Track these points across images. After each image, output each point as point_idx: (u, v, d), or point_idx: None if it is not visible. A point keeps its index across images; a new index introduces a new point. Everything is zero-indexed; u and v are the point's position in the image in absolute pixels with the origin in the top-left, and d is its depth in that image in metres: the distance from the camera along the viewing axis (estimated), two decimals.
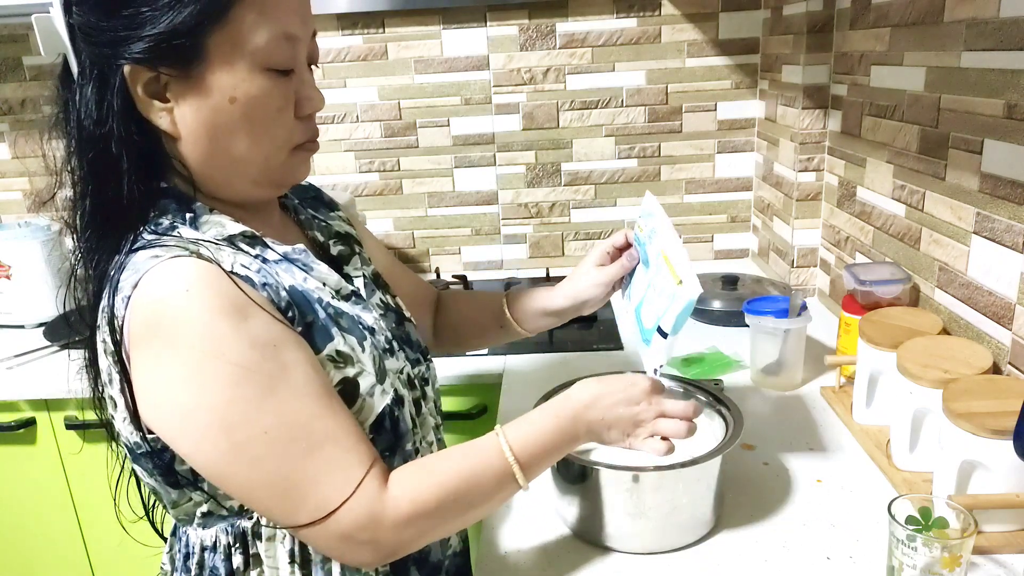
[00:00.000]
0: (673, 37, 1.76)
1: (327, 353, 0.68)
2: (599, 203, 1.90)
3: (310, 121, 0.74)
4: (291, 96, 0.69)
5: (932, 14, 1.09)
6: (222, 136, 0.67)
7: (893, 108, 1.22)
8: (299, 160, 0.74)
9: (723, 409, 0.92)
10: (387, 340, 0.77)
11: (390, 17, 1.76)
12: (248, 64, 0.65)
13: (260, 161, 0.70)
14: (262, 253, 0.70)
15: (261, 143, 0.69)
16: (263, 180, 0.72)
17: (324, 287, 0.73)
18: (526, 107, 1.82)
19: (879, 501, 0.88)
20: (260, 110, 0.67)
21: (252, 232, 0.71)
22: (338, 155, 1.87)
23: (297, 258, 0.73)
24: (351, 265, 0.83)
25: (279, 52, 0.67)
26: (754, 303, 1.23)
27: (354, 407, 0.70)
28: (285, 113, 0.69)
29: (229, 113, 0.66)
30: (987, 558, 0.80)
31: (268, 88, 0.67)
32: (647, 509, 0.83)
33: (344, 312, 0.73)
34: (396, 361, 0.77)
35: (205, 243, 0.66)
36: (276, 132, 0.69)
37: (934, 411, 0.87)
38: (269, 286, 0.66)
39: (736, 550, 0.84)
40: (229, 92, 0.65)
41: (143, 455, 0.68)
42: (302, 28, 0.69)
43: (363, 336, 0.73)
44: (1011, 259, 0.94)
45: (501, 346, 1.43)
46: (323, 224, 0.87)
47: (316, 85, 0.74)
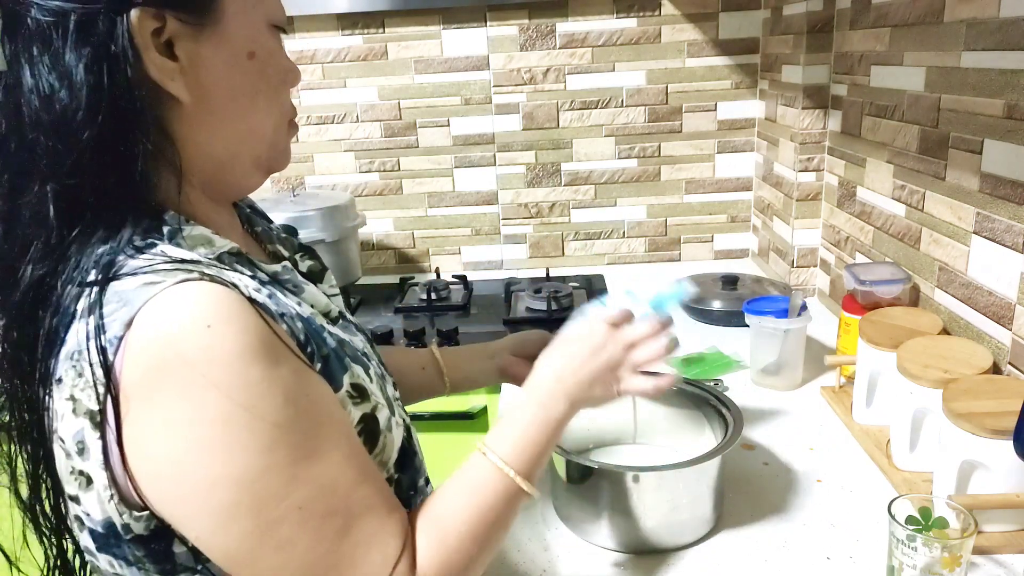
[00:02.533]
0: (673, 37, 1.76)
1: (345, 389, 0.58)
2: (599, 203, 1.89)
3: (291, 96, 0.66)
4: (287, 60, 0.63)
5: (932, 14, 1.09)
6: (239, 99, 0.58)
7: (893, 108, 1.22)
8: (290, 137, 0.66)
9: (723, 409, 0.92)
10: (379, 364, 0.68)
11: (390, 17, 1.76)
12: (262, 16, 0.59)
13: (271, 132, 0.62)
14: (256, 274, 0.58)
15: (274, 109, 0.61)
16: (265, 159, 0.63)
17: (316, 312, 0.62)
18: (526, 107, 1.82)
19: (879, 501, 0.88)
20: (275, 69, 0.60)
21: (238, 248, 0.58)
22: (338, 155, 1.87)
23: (287, 279, 0.62)
24: (325, 282, 0.74)
25: (279, 5, 0.61)
26: (754, 303, 1.23)
27: (377, 447, 0.61)
28: (290, 77, 0.63)
29: (247, 71, 0.58)
30: (987, 558, 0.80)
31: (278, 45, 0.60)
32: (647, 509, 0.83)
33: (342, 338, 0.62)
34: (391, 387, 0.68)
35: (203, 263, 0.52)
36: (284, 99, 0.62)
37: (934, 411, 0.87)
38: (287, 317, 0.55)
39: (736, 550, 0.84)
40: (249, 45, 0.57)
41: (132, 541, 0.52)
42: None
43: (366, 364, 0.63)
44: (1011, 259, 0.94)
45: None
46: (281, 236, 0.74)
47: None
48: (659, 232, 1.91)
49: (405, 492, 0.66)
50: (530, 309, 1.61)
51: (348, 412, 0.58)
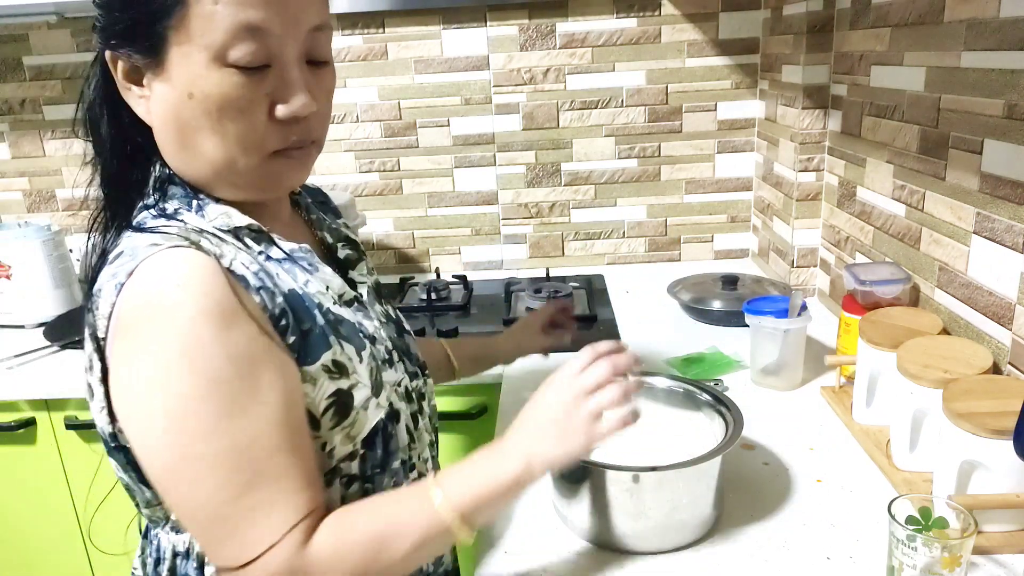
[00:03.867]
0: (673, 37, 1.76)
1: (322, 363, 0.65)
2: (599, 203, 1.89)
3: (290, 125, 0.65)
4: (260, 96, 0.62)
5: (932, 14, 1.09)
6: (187, 132, 0.63)
7: (893, 108, 1.22)
8: (282, 166, 0.67)
9: (723, 409, 0.92)
10: (387, 350, 0.75)
11: (390, 17, 1.76)
12: (206, 57, 0.60)
13: (228, 163, 0.64)
14: (267, 250, 0.68)
15: (226, 145, 0.63)
16: (241, 184, 0.67)
17: (327, 291, 0.70)
18: (526, 107, 1.82)
19: (879, 501, 0.88)
20: (219, 109, 0.61)
21: (259, 226, 0.68)
22: (338, 155, 1.87)
23: (303, 257, 0.70)
24: (357, 270, 0.80)
25: (242, 47, 0.60)
26: (754, 303, 1.23)
27: (347, 420, 0.67)
28: (251, 114, 0.62)
29: (190, 109, 0.62)
30: (987, 558, 0.80)
31: (229, 86, 0.61)
32: (647, 509, 0.83)
33: (344, 319, 0.70)
34: (395, 373, 0.74)
35: (209, 234, 0.64)
36: (243, 135, 0.63)
37: (934, 411, 0.87)
38: (265, 290, 0.63)
39: (736, 550, 0.84)
40: (187, 87, 0.61)
41: (116, 448, 0.66)
42: (278, 20, 0.61)
43: (362, 345, 0.70)
44: (1011, 259, 0.94)
45: None
46: (332, 227, 0.83)
47: (306, 85, 0.65)
48: (659, 232, 1.91)
49: (368, 468, 0.71)
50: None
51: (317, 385, 0.65)
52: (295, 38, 0.63)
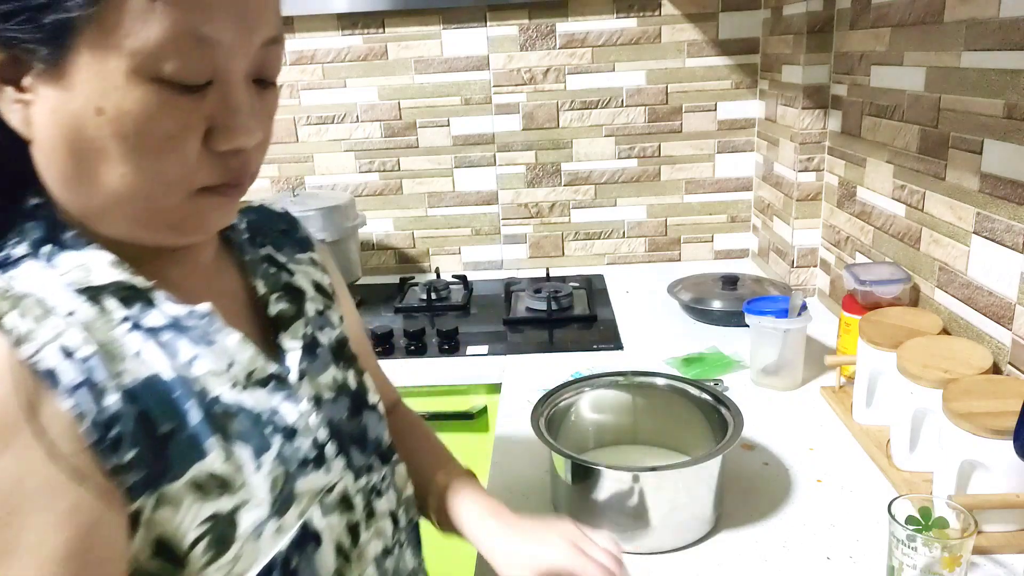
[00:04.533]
0: (673, 37, 1.76)
1: (191, 478, 0.49)
2: (599, 203, 1.89)
3: (230, 158, 0.51)
4: (197, 121, 0.48)
5: (932, 14, 1.09)
6: (87, 156, 0.47)
7: (893, 108, 1.22)
8: (209, 206, 0.52)
9: (723, 409, 0.92)
10: (315, 445, 0.57)
11: (390, 17, 1.76)
12: (128, 67, 0.45)
13: (139, 199, 0.49)
14: (139, 316, 0.51)
15: (141, 178, 0.48)
16: (151, 225, 0.51)
17: (227, 370, 0.53)
18: (526, 107, 1.82)
19: (879, 501, 0.88)
20: (139, 133, 0.47)
21: (133, 283, 0.52)
22: (338, 155, 1.87)
23: (194, 326, 0.53)
24: (290, 332, 0.62)
25: (181, 58, 0.46)
26: (754, 303, 1.23)
27: (226, 555, 0.50)
28: (182, 142, 0.48)
29: (95, 128, 0.46)
30: (987, 558, 0.80)
31: (155, 105, 0.46)
32: (647, 509, 0.83)
33: (243, 409, 0.53)
34: (322, 475, 0.57)
35: (38, 297, 0.47)
36: (165, 166, 0.48)
37: (934, 411, 0.87)
38: (89, 387, 0.46)
39: (736, 550, 0.84)
40: (96, 100, 0.46)
41: None
42: (231, 27, 0.48)
43: (264, 445, 0.53)
44: (1011, 259, 0.94)
45: (501, 346, 1.43)
46: (272, 272, 0.65)
47: (255, 110, 0.51)
48: (659, 232, 1.91)
49: None
50: (530, 309, 1.61)
51: (181, 509, 0.49)
52: (246, 52, 0.50)
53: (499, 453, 1.06)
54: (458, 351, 1.43)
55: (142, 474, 0.47)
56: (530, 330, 1.53)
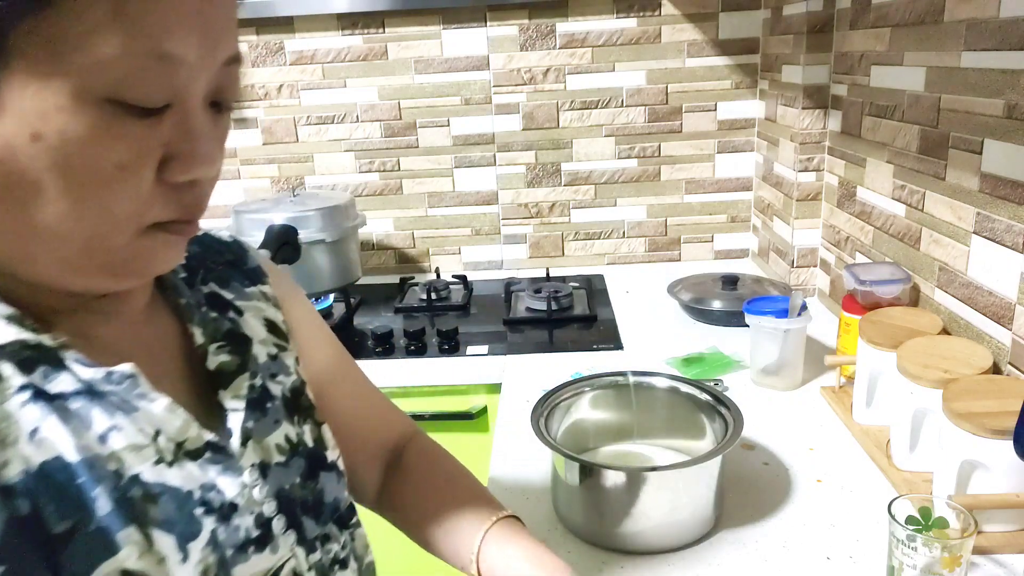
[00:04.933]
0: (673, 37, 1.76)
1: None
2: (599, 203, 1.89)
3: (185, 191, 0.45)
4: (152, 148, 0.42)
5: (932, 14, 1.09)
6: (15, 189, 0.40)
7: (893, 108, 1.22)
8: (157, 246, 0.46)
9: (723, 409, 0.92)
10: (259, 522, 0.50)
11: (390, 17, 1.76)
12: (75, 86, 0.39)
13: (80, 238, 0.42)
14: (42, 382, 0.43)
15: (83, 212, 0.41)
16: (87, 267, 0.44)
17: (151, 442, 0.46)
18: (526, 107, 1.82)
19: (879, 501, 0.88)
20: (85, 163, 0.40)
21: (39, 342, 0.44)
22: (338, 155, 1.87)
23: (110, 391, 0.45)
24: (232, 389, 0.54)
25: (139, 77, 0.40)
26: (754, 303, 1.23)
27: None
28: (134, 173, 0.42)
29: (30, 157, 0.39)
30: (987, 558, 0.80)
31: (105, 130, 0.40)
32: (647, 509, 0.83)
33: (169, 489, 0.46)
34: (266, 557, 0.50)
35: None
36: (113, 201, 0.42)
37: (934, 411, 0.87)
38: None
39: (736, 550, 0.84)
40: (33, 124, 0.39)
41: None
42: (198, 48, 0.42)
43: (192, 530, 0.46)
44: (1011, 259, 0.94)
45: (501, 346, 1.43)
46: (213, 317, 0.57)
47: (215, 135, 0.46)
48: (659, 232, 1.91)
49: None
50: (530, 309, 1.61)
51: None
52: (208, 72, 0.44)
53: (499, 453, 1.06)
54: (458, 351, 1.43)
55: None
56: (530, 330, 1.53)
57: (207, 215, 0.47)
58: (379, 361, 1.41)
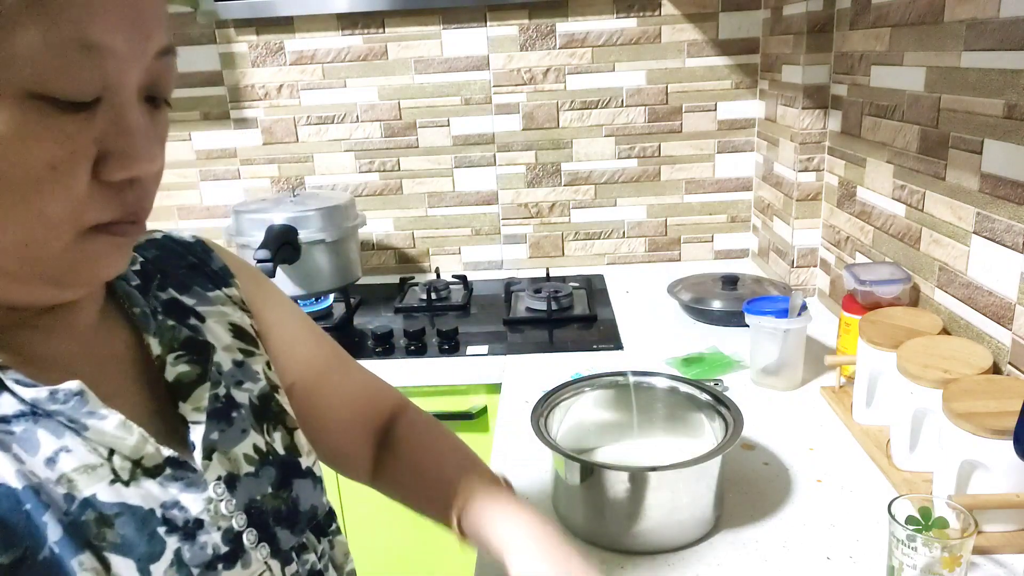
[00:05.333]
0: (673, 37, 1.76)
1: None
2: (599, 203, 1.89)
3: (126, 190, 0.43)
4: (85, 145, 0.40)
5: (932, 14, 1.09)
6: None
7: (893, 108, 1.22)
8: (101, 248, 0.43)
9: (723, 409, 0.92)
10: (228, 537, 0.48)
11: (390, 17, 1.76)
12: (2, 83, 0.37)
13: (15, 246, 0.41)
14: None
15: (15, 220, 0.40)
16: (27, 276, 0.43)
17: (106, 461, 0.44)
18: (526, 107, 1.82)
19: (879, 501, 0.88)
20: (13, 164, 0.38)
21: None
22: (338, 155, 1.87)
23: (57, 410, 0.43)
24: (192, 400, 0.52)
25: (65, 69, 0.38)
26: (754, 303, 1.23)
27: None
28: (68, 173, 0.40)
29: None
30: (987, 558, 0.80)
31: (32, 127, 0.38)
32: (647, 509, 0.83)
33: (128, 508, 0.44)
34: (235, 574, 0.48)
35: None
36: (46, 203, 0.40)
37: (934, 411, 0.87)
38: None
39: (736, 550, 0.84)
40: None
41: None
42: (126, 37, 0.40)
43: (154, 552, 0.44)
44: (1011, 259, 0.94)
45: (501, 346, 1.43)
46: (170, 326, 0.55)
47: (152, 130, 0.44)
48: (659, 232, 1.91)
49: None
50: (530, 309, 1.61)
51: None
52: (140, 63, 0.42)
53: (499, 453, 1.06)
54: (458, 351, 1.43)
55: None
56: (530, 330, 1.53)
57: (207, 215, 0.47)
58: (379, 361, 1.41)
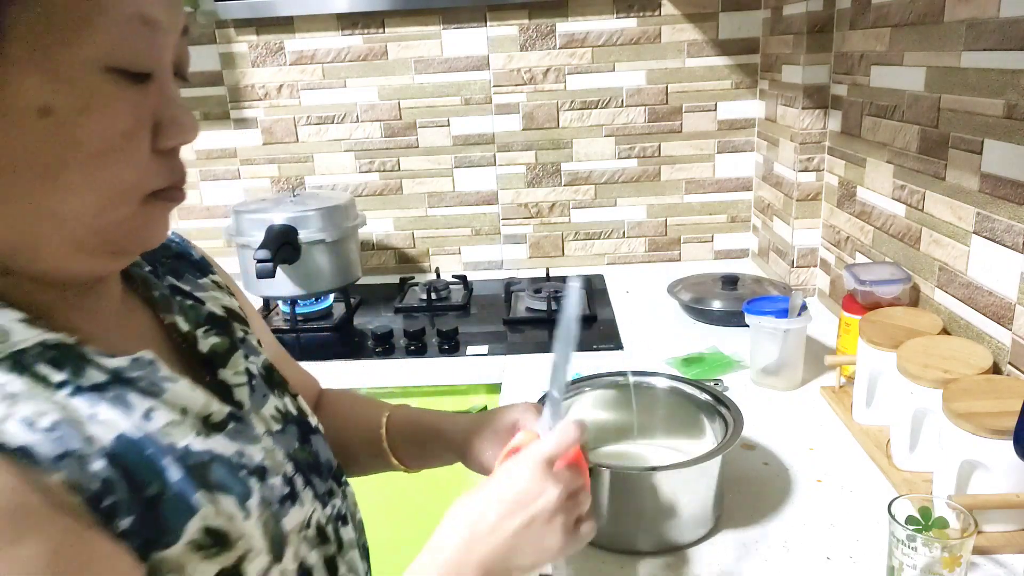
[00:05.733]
0: (673, 37, 1.76)
1: (189, 539, 0.44)
2: (599, 203, 1.89)
3: (173, 157, 0.47)
4: (146, 116, 0.44)
5: (932, 14, 1.09)
6: (23, 172, 0.41)
7: (893, 108, 1.22)
8: (155, 215, 0.48)
9: (723, 409, 0.92)
10: (285, 480, 0.54)
11: (390, 17, 1.76)
12: (80, 58, 0.40)
13: (89, 215, 0.43)
14: (75, 377, 0.43)
15: (93, 186, 0.43)
16: (94, 245, 0.45)
17: (183, 418, 0.48)
18: (526, 107, 1.82)
19: (879, 501, 0.88)
20: (95, 132, 0.41)
21: (60, 339, 0.44)
22: (338, 155, 1.87)
23: (138, 376, 0.47)
24: (230, 366, 0.57)
25: (134, 43, 0.42)
26: (754, 303, 1.23)
27: None
28: (136, 140, 0.44)
29: (39, 134, 0.40)
30: (987, 558, 0.80)
31: (111, 99, 0.42)
32: (647, 509, 0.83)
33: (216, 456, 0.48)
34: (298, 511, 0.54)
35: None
36: (119, 170, 0.43)
37: (934, 411, 0.87)
38: (69, 458, 0.40)
39: (736, 550, 0.84)
40: (42, 99, 0.40)
41: None
42: (167, 13, 0.45)
43: (246, 491, 0.49)
44: (1011, 259, 0.94)
45: (501, 346, 1.43)
46: (188, 304, 0.59)
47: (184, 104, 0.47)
48: (659, 232, 1.91)
49: None
50: (530, 309, 1.61)
51: (192, 572, 0.44)
52: (174, 38, 0.46)
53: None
54: (458, 351, 1.43)
55: (139, 542, 0.42)
56: (530, 330, 1.53)
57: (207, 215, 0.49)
58: (379, 361, 1.41)
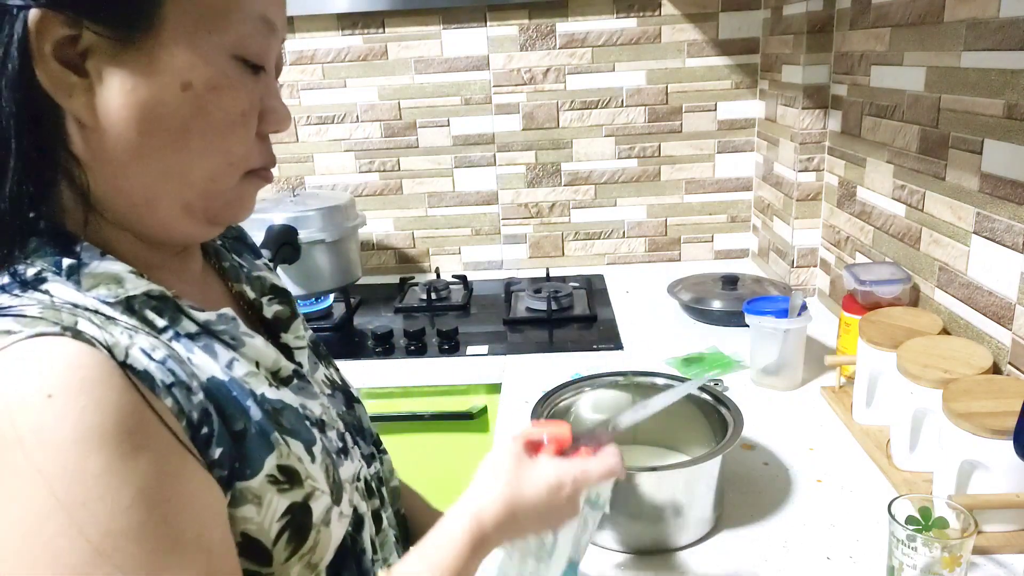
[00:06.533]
0: (673, 37, 1.76)
1: (267, 473, 0.49)
2: (599, 203, 1.89)
3: (268, 143, 0.56)
4: (258, 102, 0.52)
5: (932, 14, 1.09)
6: (159, 135, 0.48)
7: (893, 108, 1.22)
8: (249, 191, 0.55)
9: (723, 409, 0.92)
10: (339, 435, 0.60)
11: (390, 17, 1.76)
12: (216, 44, 0.48)
13: (203, 180, 0.51)
14: (174, 324, 0.50)
15: (211, 154, 0.50)
16: (199, 209, 0.52)
17: (258, 370, 0.54)
18: (526, 107, 1.82)
19: (879, 501, 0.88)
20: (221, 108, 0.49)
21: (162, 291, 0.50)
22: (338, 155, 1.87)
23: (223, 329, 0.53)
24: (292, 331, 0.63)
25: (256, 39, 0.50)
26: (754, 303, 1.23)
27: (306, 544, 0.51)
28: (249, 120, 0.52)
29: (177, 104, 0.47)
30: (987, 558, 0.80)
31: (235, 82, 0.50)
32: (647, 509, 0.83)
33: (286, 405, 0.54)
34: (351, 464, 0.59)
35: (89, 311, 0.45)
36: (233, 144, 0.51)
37: (934, 411, 0.87)
38: (178, 387, 0.45)
39: (736, 550, 0.84)
40: (185, 75, 0.47)
41: None
42: (280, 19, 0.53)
43: (311, 437, 0.54)
44: (1011, 259, 0.94)
45: (501, 346, 1.43)
46: (254, 275, 0.65)
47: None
48: (659, 232, 1.91)
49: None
50: (530, 309, 1.61)
51: (264, 505, 0.48)
52: (280, 43, 0.54)
53: None
54: (458, 351, 1.43)
55: (226, 471, 0.47)
56: (530, 330, 1.53)
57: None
58: (379, 361, 1.41)
